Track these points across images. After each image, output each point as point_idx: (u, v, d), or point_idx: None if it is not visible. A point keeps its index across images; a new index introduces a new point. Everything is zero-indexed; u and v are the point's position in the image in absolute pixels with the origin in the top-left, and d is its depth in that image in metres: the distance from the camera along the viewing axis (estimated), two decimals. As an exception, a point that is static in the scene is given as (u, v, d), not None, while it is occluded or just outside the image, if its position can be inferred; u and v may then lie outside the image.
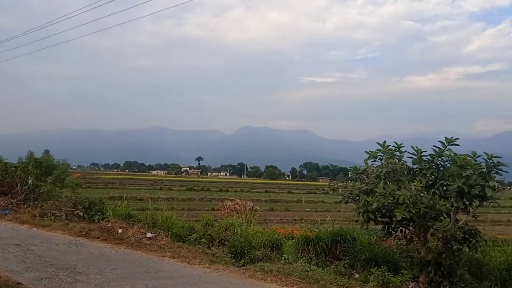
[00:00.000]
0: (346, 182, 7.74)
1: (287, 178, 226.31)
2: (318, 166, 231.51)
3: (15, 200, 13.63)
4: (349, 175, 8.42)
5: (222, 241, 9.92)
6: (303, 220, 29.57)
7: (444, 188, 6.73)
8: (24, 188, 14.00)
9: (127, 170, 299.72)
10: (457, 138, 6.77)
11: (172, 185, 75.53)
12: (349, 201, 7.30)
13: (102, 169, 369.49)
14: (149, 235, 9.95)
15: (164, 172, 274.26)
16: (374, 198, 6.62)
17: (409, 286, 6.90)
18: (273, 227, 15.32)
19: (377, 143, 7.43)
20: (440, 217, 6.57)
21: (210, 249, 9.36)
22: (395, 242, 8.33)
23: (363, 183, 7.07)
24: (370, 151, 7.30)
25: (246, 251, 9.32)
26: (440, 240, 6.53)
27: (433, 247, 6.72)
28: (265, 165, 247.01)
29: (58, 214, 11.86)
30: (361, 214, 6.90)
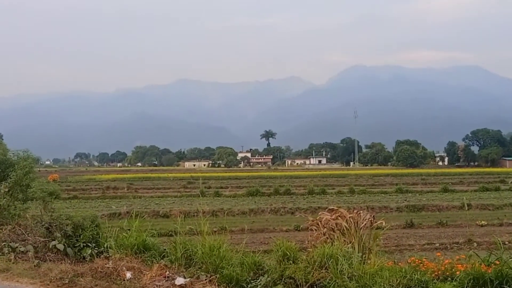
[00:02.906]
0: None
1: (439, 163, 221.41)
2: (502, 136, 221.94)
3: None
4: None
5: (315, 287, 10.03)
6: (474, 244, 28.86)
7: None
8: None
9: (139, 164, 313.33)
10: None
11: (221, 187, 77.34)
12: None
13: (95, 163, 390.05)
14: (180, 281, 10.31)
15: (206, 163, 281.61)
16: None
17: None
18: (413, 258, 15.07)
19: None
20: None
21: (293, 304, 9.50)
22: None
23: None
24: None
25: (361, 306, 9.37)
26: None
27: None
28: (394, 141, 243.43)
29: (22, 249, 12.58)
30: None
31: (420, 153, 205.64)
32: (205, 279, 10.53)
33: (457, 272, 11.45)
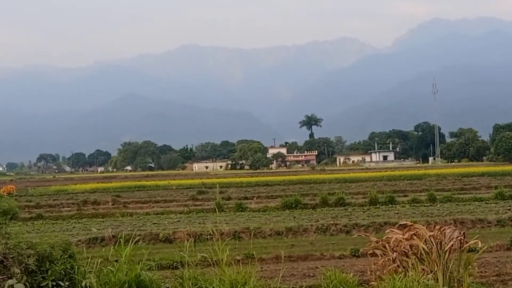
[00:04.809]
0: None
1: None
2: None
3: None
4: None
5: None
6: None
7: None
8: None
9: (128, 168, 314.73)
10: None
11: (245, 197, 77.29)
12: None
13: (67, 168, 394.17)
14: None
15: (223, 164, 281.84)
16: None
17: None
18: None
19: None
20: None
21: None
22: None
23: None
24: None
25: None
26: None
27: None
28: (491, 125, 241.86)
29: (-33, 291, 12.74)
30: None
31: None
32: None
33: None
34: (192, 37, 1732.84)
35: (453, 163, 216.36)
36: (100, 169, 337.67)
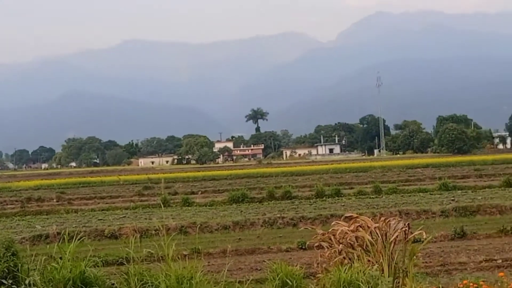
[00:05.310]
0: None
1: (500, 147, 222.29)
2: None
3: None
4: None
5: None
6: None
7: None
8: None
9: (73, 164, 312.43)
10: None
11: (192, 192, 77.10)
12: None
13: (10, 164, 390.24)
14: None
15: (169, 159, 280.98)
16: None
17: None
18: (466, 281, 15.13)
19: None
20: None
21: None
22: None
23: None
24: None
25: None
26: None
27: None
28: (435, 117, 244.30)
29: None
30: None
31: (472, 133, 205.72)
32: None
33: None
34: (135, 32, 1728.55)
35: (398, 155, 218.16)
36: (44, 165, 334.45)
